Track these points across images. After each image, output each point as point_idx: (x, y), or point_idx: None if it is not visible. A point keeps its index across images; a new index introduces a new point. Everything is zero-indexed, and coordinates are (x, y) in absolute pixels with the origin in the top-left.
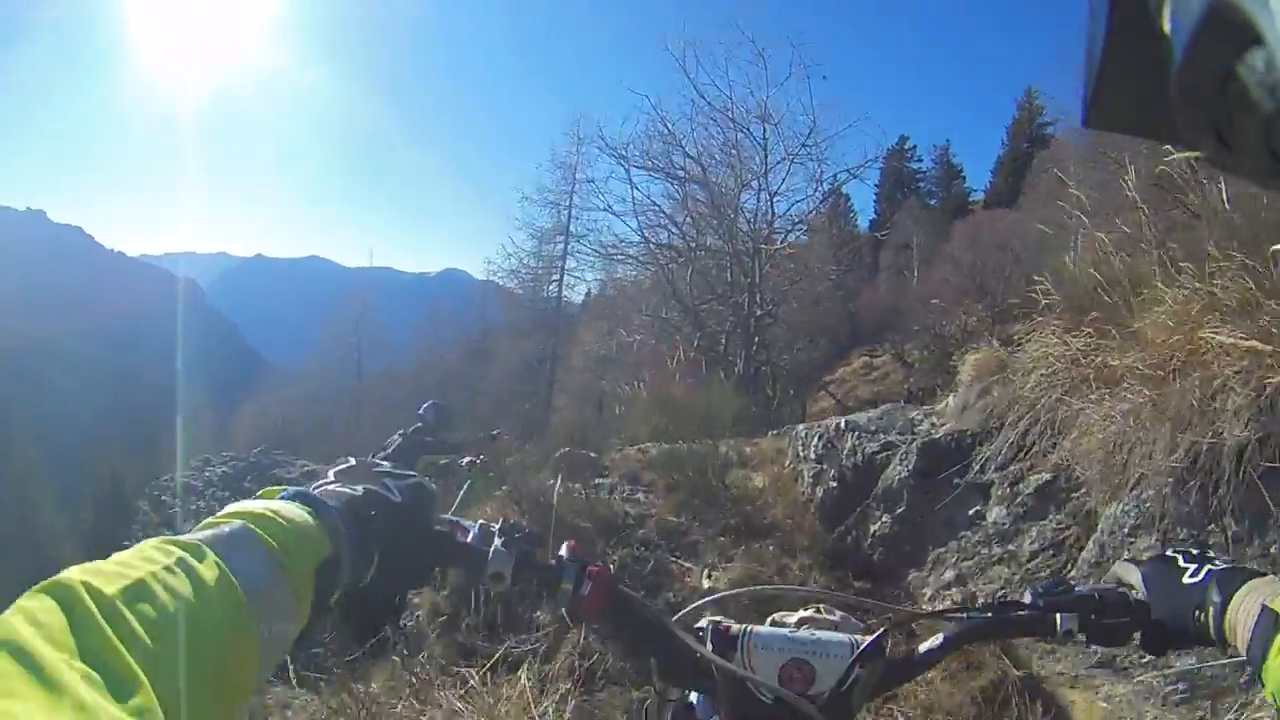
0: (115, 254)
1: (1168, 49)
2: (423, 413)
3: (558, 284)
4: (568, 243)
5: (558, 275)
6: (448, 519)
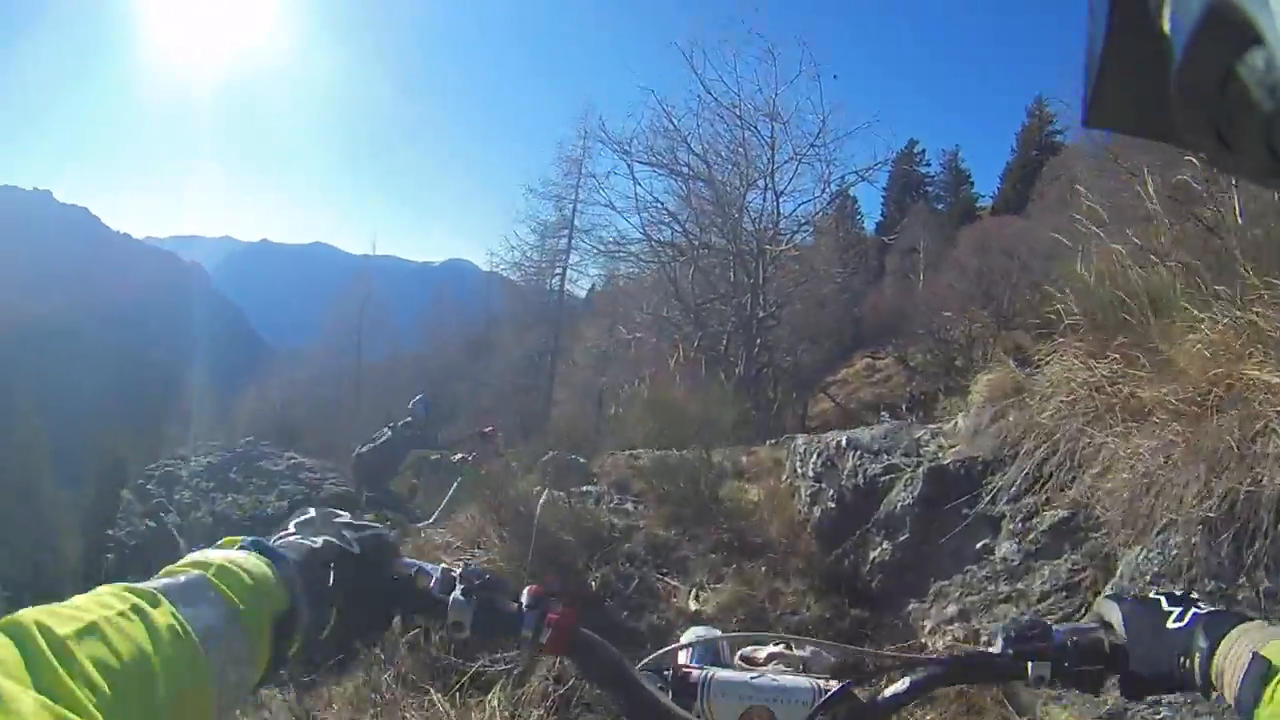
0: (121, 235)
1: (1168, 49)
2: (412, 407)
3: (560, 278)
4: (571, 237)
5: (560, 269)
6: (409, 563)
